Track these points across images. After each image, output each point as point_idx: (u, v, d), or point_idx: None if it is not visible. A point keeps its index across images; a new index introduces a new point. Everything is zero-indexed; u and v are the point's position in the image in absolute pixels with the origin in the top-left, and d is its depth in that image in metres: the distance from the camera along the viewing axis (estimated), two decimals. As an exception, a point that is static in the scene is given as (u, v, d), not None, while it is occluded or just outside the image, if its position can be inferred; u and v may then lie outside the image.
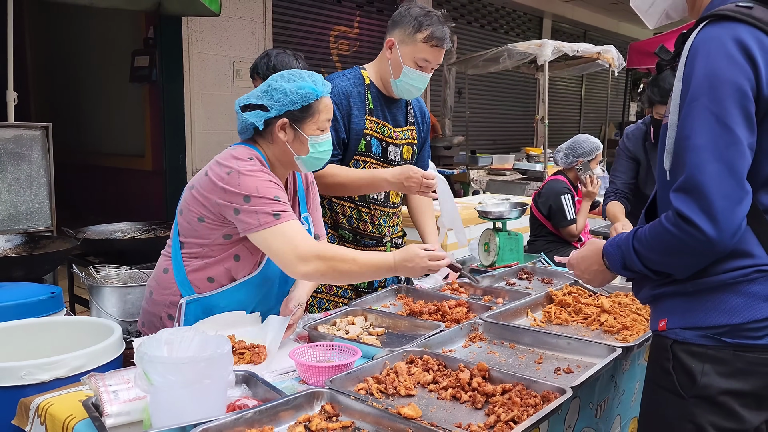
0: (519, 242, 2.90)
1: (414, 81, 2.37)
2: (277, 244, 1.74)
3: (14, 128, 3.38)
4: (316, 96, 1.85)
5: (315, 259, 1.72)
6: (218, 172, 1.82)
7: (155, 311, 1.99)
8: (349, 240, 2.51)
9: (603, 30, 12.78)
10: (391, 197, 2.54)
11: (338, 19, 7.44)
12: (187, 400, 1.29)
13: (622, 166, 3.08)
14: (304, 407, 1.41)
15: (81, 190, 6.98)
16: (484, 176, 7.42)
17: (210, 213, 1.85)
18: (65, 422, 1.40)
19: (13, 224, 3.32)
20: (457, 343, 1.86)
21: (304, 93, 1.84)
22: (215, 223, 1.86)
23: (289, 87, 1.84)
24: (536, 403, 1.40)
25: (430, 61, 2.34)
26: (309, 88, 1.84)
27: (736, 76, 1.24)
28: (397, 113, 2.53)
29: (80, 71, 7.18)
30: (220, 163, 1.85)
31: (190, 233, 1.91)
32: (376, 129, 2.45)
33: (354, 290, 2.52)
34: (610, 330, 1.93)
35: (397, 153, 2.52)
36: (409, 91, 2.42)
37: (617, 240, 1.44)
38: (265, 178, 1.81)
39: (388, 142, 2.48)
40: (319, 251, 1.74)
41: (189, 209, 1.89)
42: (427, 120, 2.69)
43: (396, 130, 2.51)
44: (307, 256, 1.72)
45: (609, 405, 1.84)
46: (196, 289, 1.92)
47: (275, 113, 1.85)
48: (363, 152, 2.43)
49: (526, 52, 6.56)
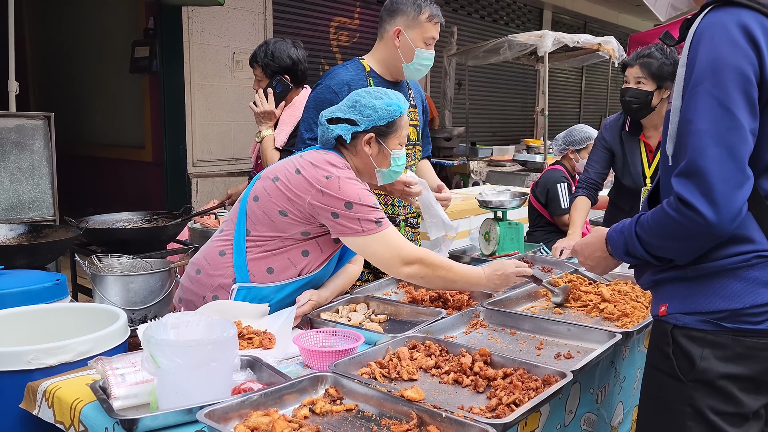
0: (519, 231, 2.91)
1: (425, 60, 2.50)
2: (382, 249, 1.89)
3: (16, 118, 3.38)
4: (400, 113, 1.97)
5: (418, 262, 1.90)
6: (315, 174, 1.87)
7: (199, 291, 2.00)
8: None
9: (603, 21, 12.75)
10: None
11: (338, 10, 7.43)
12: (194, 382, 1.31)
13: (596, 156, 3.10)
14: (309, 391, 1.43)
15: (80, 181, 6.98)
16: (484, 167, 7.43)
17: (297, 210, 1.89)
18: (73, 405, 1.41)
19: (15, 213, 3.33)
20: (458, 330, 1.88)
21: (391, 110, 1.94)
22: (299, 220, 1.90)
23: (378, 104, 1.94)
24: (537, 387, 1.41)
25: (435, 38, 2.50)
26: (396, 105, 1.95)
27: (739, 61, 1.25)
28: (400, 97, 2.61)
29: (80, 62, 7.16)
30: (315, 165, 1.89)
31: (264, 222, 1.92)
32: None
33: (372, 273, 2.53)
34: (609, 317, 1.95)
35: None
36: (420, 71, 2.54)
37: (620, 226, 1.46)
38: (364, 186, 1.93)
39: None
40: (422, 256, 1.91)
41: (269, 200, 1.91)
42: (425, 104, 2.79)
43: None
44: (411, 260, 1.89)
45: (610, 391, 1.86)
46: (252, 276, 1.94)
47: (363, 127, 1.95)
48: None
49: (526, 43, 6.55)
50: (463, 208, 4.48)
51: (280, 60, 2.90)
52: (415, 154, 2.68)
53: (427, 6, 2.43)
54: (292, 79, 2.91)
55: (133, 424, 1.25)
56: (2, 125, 3.29)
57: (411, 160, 2.63)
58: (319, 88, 2.49)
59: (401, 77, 2.57)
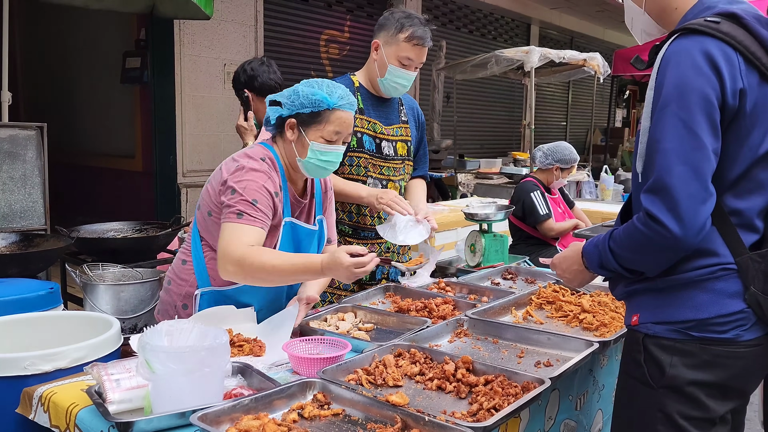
0: (504, 244, 2.99)
1: (399, 78, 2.51)
2: (221, 242, 1.84)
3: (9, 128, 3.42)
4: (327, 106, 1.94)
5: (236, 264, 1.79)
6: (230, 166, 1.93)
7: (171, 300, 2.08)
8: (349, 234, 2.62)
9: (589, 37, 12.97)
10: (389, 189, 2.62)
11: (329, 24, 7.52)
12: (187, 387, 1.36)
13: None
14: (298, 396, 1.49)
15: (70, 190, 6.99)
16: (472, 180, 7.53)
17: (216, 208, 1.93)
18: (68, 410, 1.46)
19: (7, 222, 3.36)
20: (443, 338, 1.94)
21: (315, 99, 1.93)
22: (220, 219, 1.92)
23: (306, 92, 1.95)
24: (516, 393, 1.48)
25: (412, 59, 2.49)
26: (322, 98, 1.93)
27: (703, 85, 1.34)
28: (389, 112, 2.66)
29: (71, 72, 7.19)
30: (234, 158, 1.96)
31: (205, 227, 2.00)
32: (368, 126, 2.58)
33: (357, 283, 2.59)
34: (589, 327, 2.02)
35: (391, 148, 2.63)
36: (395, 89, 2.56)
37: (595, 241, 1.54)
38: (260, 181, 1.89)
39: (381, 138, 2.60)
40: (241, 258, 1.78)
41: (203, 203, 1.99)
42: (421, 120, 2.84)
43: (388, 127, 2.63)
44: (232, 260, 1.79)
45: (589, 399, 1.93)
46: (212, 281, 2.00)
47: (287, 112, 1.97)
48: (356, 148, 2.55)
49: (513, 58, 6.68)
50: (450, 220, 4.56)
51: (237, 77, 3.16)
52: (405, 169, 2.72)
53: (411, 27, 2.45)
54: (250, 91, 3.11)
55: (128, 426, 1.30)
56: (-5, 135, 3.33)
57: (399, 175, 2.68)
58: None
59: (392, 95, 2.63)
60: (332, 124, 1.96)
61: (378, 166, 2.60)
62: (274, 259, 1.81)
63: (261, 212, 1.86)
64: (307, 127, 1.96)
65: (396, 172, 2.66)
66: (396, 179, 2.67)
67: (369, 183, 2.59)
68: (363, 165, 2.57)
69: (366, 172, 2.58)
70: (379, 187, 2.60)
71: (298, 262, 1.83)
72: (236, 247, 1.80)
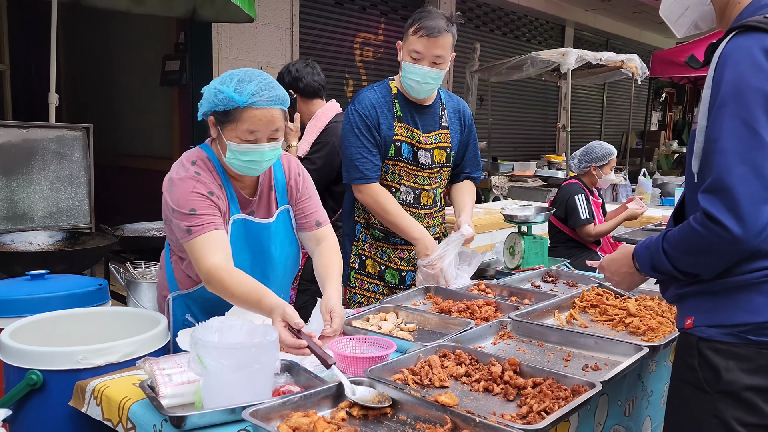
0: (544, 246, 2.95)
1: (411, 74, 2.44)
2: (193, 259, 1.81)
3: (57, 129, 3.51)
4: (236, 104, 1.78)
5: (205, 282, 1.78)
6: (165, 180, 1.89)
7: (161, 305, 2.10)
8: (379, 239, 2.62)
9: (625, 38, 12.77)
10: (421, 199, 2.62)
11: (363, 27, 7.55)
12: (238, 383, 1.38)
13: None
14: (345, 395, 1.49)
15: (109, 191, 7.13)
16: (506, 183, 7.48)
17: (168, 219, 1.90)
18: (121, 403, 1.49)
19: (54, 221, 3.45)
20: (486, 340, 1.92)
21: (223, 98, 1.78)
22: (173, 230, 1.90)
23: (219, 88, 1.80)
24: (566, 396, 1.46)
25: (420, 52, 2.40)
26: (228, 94, 1.77)
27: (763, 83, 1.30)
28: (427, 119, 2.61)
29: (111, 75, 7.35)
30: (171, 170, 1.90)
31: (168, 230, 1.97)
32: (407, 134, 2.55)
33: (387, 287, 2.62)
34: (635, 331, 1.98)
35: (428, 157, 2.60)
36: (411, 87, 2.49)
37: (647, 242, 1.51)
38: (188, 188, 1.81)
39: (419, 147, 2.57)
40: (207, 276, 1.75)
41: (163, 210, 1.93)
42: (468, 121, 2.74)
43: (425, 135, 2.58)
44: (202, 278, 1.79)
45: (638, 405, 1.89)
46: (179, 284, 1.99)
47: (204, 110, 1.86)
48: (393, 157, 2.54)
49: (549, 60, 6.61)
50: (485, 222, 4.53)
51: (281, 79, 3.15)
52: (441, 176, 2.67)
53: (420, 20, 2.39)
54: (295, 92, 3.09)
55: (181, 421, 1.32)
56: (44, 136, 3.42)
57: (434, 183, 2.65)
58: (348, 115, 2.56)
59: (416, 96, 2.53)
60: (245, 123, 1.79)
61: (413, 175, 2.58)
62: (233, 287, 1.73)
63: (204, 216, 1.79)
64: (223, 126, 1.83)
65: (431, 180, 2.63)
66: (430, 188, 2.64)
67: (401, 191, 2.57)
68: (398, 173, 2.56)
69: (400, 180, 2.57)
70: (412, 196, 2.59)
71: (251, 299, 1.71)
72: (202, 265, 1.76)
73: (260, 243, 1.98)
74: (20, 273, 2.54)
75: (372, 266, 2.65)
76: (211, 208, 1.82)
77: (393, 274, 2.64)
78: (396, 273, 2.64)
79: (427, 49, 2.39)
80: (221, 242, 1.80)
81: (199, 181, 1.84)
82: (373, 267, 2.65)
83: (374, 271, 2.65)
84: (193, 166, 1.87)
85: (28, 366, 1.64)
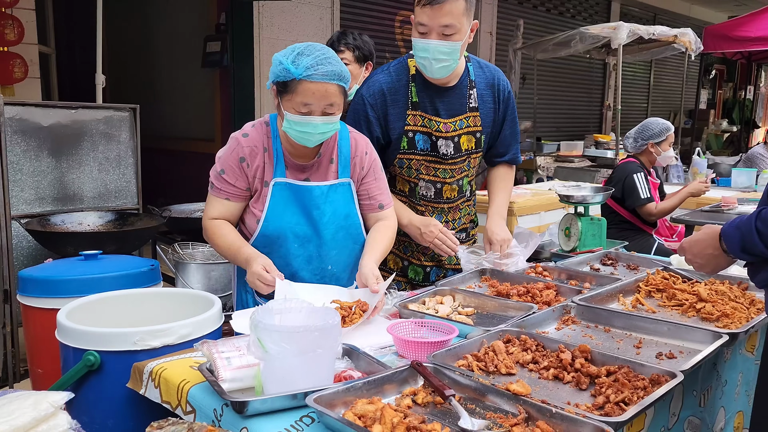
0: (602, 227, 2.83)
1: (420, 51, 2.17)
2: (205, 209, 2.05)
3: (105, 110, 3.52)
4: (292, 76, 1.81)
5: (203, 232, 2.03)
6: None
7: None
8: (401, 232, 2.38)
9: (674, 13, 12.29)
10: (444, 193, 2.41)
11: (403, 4, 7.41)
12: (299, 368, 1.32)
13: None
14: (409, 381, 1.42)
15: (152, 172, 7.21)
16: (551, 163, 7.29)
17: None
18: (180, 386, 1.45)
19: (103, 202, 3.47)
20: (550, 326, 1.84)
21: (281, 69, 1.84)
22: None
23: (280, 59, 1.85)
24: (645, 386, 1.37)
25: (426, 24, 2.12)
26: (285, 67, 1.82)
27: None
28: (452, 102, 2.33)
29: (153, 57, 7.39)
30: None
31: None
32: (422, 123, 2.31)
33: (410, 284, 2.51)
34: (708, 317, 1.87)
35: (449, 146, 2.34)
36: (423, 66, 2.21)
37: (737, 222, 1.40)
38: (231, 146, 1.99)
39: (438, 136, 2.31)
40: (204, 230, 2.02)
41: None
42: (503, 96, 2.43)
43: (447, 121, 2.32)
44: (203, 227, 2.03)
45: (712, 395, 1.79)
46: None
47: (271, 79, 1.91)
48: (406, 150, 2.32)
49: (599, 35, 6.37)
50: (534, 203, 4.40)
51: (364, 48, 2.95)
52: (470, 164, 2.43)
53: None
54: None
55: (243, 406, 1.28)
56: (92, 117, 3.43)
57: (459, 174, 2.41)
58: (355, 98, 2.37)
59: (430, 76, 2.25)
60: (299, 95, 1.83)
61: (432, 168, 2.35)
62: (218, 238, 1.99)
63: (226, 183, 1.98)
64: (282, 96, 1.88)
65: (454, 172, 2.38)
66: (452, 180, 2.40)
67: (420, 186, 2.38)
68: (414, 167, 2.34)
69: (417, 174, 2.36)
70: (432, 191, 2.39)
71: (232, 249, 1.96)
72: (204, 217, 2.03)
73: (315, 206, 2.03)
74: (72, 253, 2.54)
75: (394, 262, 2.51)
76: (235, 176, 1.98)
77: (417, 270, 2.50)
78: (420, 270, 2.50)
79: (431, 19, 2.09)
80: (226, 209, 2.01)
81: (240, 144, 1.98)
82: (395, 263, 2.51)
83: (396, 267, 2.50)
84: (251, 129, 2.01)
85: (85, 347, 1.62)
